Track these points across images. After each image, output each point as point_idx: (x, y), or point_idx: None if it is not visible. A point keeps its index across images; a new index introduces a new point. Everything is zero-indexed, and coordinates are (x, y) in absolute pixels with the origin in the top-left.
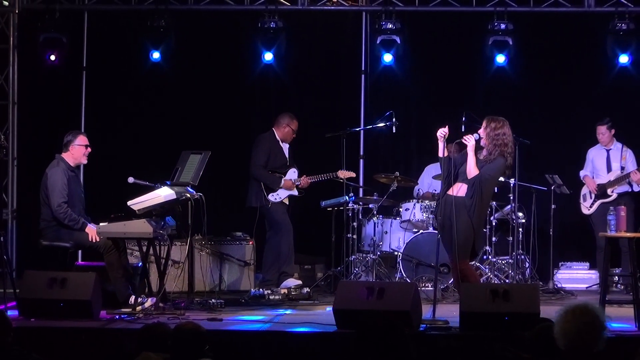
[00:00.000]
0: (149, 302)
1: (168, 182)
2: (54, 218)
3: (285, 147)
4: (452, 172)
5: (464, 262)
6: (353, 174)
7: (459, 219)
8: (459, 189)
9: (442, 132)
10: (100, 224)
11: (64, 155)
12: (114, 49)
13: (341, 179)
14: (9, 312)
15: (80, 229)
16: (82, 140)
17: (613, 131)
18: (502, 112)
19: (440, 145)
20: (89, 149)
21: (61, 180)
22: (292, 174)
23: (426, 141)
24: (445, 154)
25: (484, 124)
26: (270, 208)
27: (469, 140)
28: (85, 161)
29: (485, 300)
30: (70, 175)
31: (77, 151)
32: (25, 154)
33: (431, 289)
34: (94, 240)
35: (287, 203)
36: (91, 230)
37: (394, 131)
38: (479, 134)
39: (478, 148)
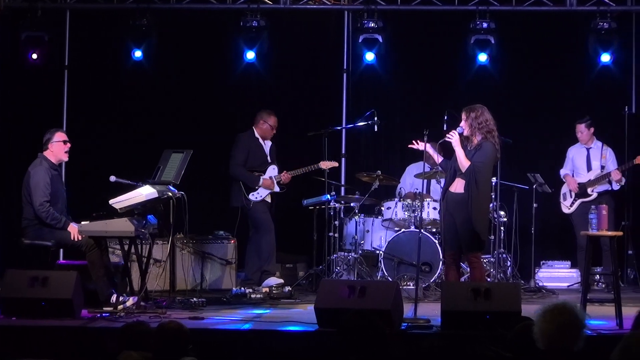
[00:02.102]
0: (130, 301)
1: (150, 181)
2: (36, 217)
3: (266, 145)
4: (450, 171)
5: (476, 255)
6: (336, 164)
7: (461, 215)
8: (457, 185)
9: (420, 146)
10: (82, 222)
11: (46, 153)
12: (96, 47)
13: (324, 169)
14: None
15: (62, 228)
16: (60, 136)
17: (592, 130)
18: None
19: (431, 152)
20: (69, 145)
21: (44, 179)
22: (271, 170)
23: (408, 140)
24: (441, 159)
25: (463, 116)
26: (252, 207)
27: (453, 136)
28: (66, 158)
29: (466, 299)
30: (53, 174)
31: (56, 148)
32: (6, 153)
33: (413, 287)
34: (75, 239)
35: (270, 201)
36: (73, 229)
37: (375, 130)
38: (461, 127)
39: (465, 140)
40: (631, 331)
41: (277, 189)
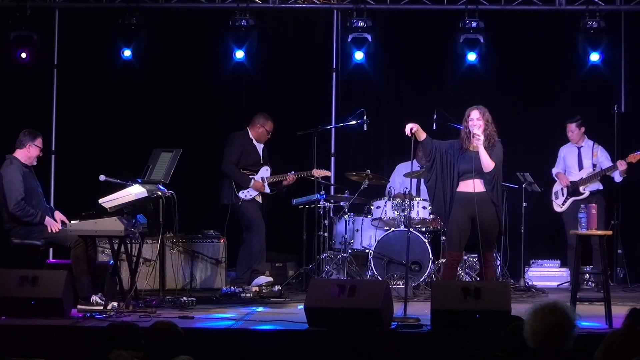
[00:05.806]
0: (110, 306)
1: (139, 180)
2: (14, 218)
3: (259, 146)
4: (452, 170)
5: (492, 253)
6: (328, 173)
7: (487, 213)
8: (471, 185)
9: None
10: (72, 222)
11: (16, 153)
12: (85, 46)
13: (316, 177)
14: None
15: (39, 222)
16: (40, 142)
17: (583, 129)
18: None
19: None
20: (41, 154)
21: (16, 178)
22: (264, 171)
23: (397, 139)
24: (424, 136)
25: (478, 114)
26: (242, 206)
27: (481, 137)
28: (35, 163)
29: (456, 298)
30: (25, 171)
31: (33, 151)
32: None
33: (402, 286)
34: (53, 231)
35: (260, 201)
36: (50, 222)
37: (365, 129)
38: (473, 125)
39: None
40: (613, 330)
41: (267, 190)
